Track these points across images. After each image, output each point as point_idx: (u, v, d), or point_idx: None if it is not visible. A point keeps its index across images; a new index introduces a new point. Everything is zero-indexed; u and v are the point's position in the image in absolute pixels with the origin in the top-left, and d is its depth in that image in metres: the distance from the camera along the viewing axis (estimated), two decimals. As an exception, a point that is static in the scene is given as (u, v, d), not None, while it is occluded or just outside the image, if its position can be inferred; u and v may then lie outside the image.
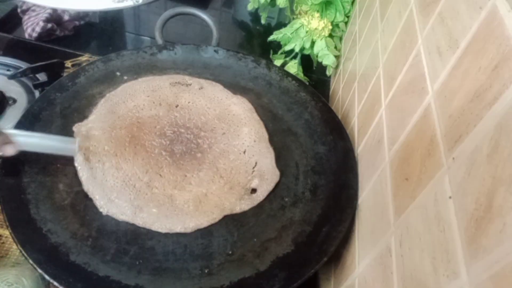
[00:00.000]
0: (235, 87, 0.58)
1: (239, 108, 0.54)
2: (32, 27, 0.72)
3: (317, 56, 0.73)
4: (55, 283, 0.35)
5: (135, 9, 0.87)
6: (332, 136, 0.52)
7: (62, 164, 0.46)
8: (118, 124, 0.49)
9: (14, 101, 0.58)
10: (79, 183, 0.44)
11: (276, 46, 0.77)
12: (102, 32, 0.80)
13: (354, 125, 0.52)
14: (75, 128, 0.48)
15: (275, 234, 0.43)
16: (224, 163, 0.48)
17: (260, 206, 0.46)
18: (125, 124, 0.50)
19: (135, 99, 0.53)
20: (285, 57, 0.75)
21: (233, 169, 0.47)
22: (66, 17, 0.75)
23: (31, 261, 0.36)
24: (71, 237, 0.40)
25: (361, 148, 0.48)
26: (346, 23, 0.74)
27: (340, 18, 0.72)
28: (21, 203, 0.41)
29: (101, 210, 0.42)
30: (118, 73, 0.57)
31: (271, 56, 0.76)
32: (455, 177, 0.24)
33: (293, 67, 0.73)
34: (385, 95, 0.42)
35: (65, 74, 0.57)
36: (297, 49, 0.73)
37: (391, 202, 0.33)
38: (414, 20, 0.38)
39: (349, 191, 0.45)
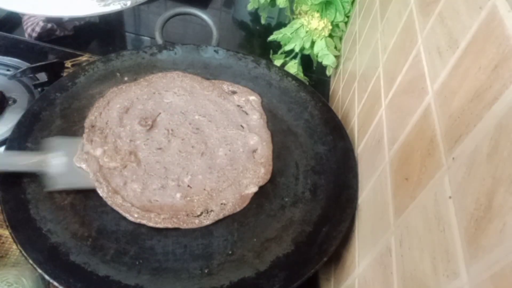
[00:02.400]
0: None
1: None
2: (32, 27, 0.72)
3: (317, 56, 0.73)
4: (55, 283, 0.35)
5: (135, 9, 0.87)
6: (332, 136, 0.52)
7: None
8: None
9: (14, 101, 0.58)
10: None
11: (276, 46, 0.77)
12: (102, 32, 0.80)
13: (354, 125, 0.52)
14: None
15: (275, 234, 0.43)
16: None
17: (260, 206, 0.46)
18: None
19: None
20: (285, 57, 0.75)
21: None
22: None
23: (31, 261, 0.36)
24: (71, 237, 0.40)
25: (361, 148, 0.48)
26: (346, 23, 0.74)
27: (340, 18, 0.72)
28: (21, 203, 0.41)
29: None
30: (118, 74, 0.57)
31: (271, 56, 0.76)
32: (455, 177, 0.24)
33: (293, 67, 0.73)
34: (385, 95, 0.42)
35: (65, 74, 0.57)
36: (297, 49, 0.73)
37: (391, 202, 0.33)
38: (414, 20, 0.38)
39: (349, 191, 0.45)
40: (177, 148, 0.49)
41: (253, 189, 0.46)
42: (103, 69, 0.56)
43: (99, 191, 0.44)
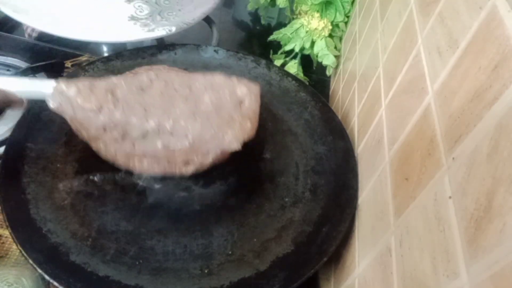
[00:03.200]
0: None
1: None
2: (32, 27, 0.72)
3: (317, 56, 0.73)
4: (55, 283, 0.35)
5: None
6: (332, 136, 0.52)
7: (62, 164, 0.46)
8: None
9: (14, 101, 0.58)
10: (79, 183, 0.44)
11: (276, 46, 0.77)
12: (102, 32, 0.80)
13: (354, 125, 0.52)
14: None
15: (275, 234, 0.43)
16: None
17: (260, 206, 0.46)
18: None
19: None
20: (285, 57, 0.75)
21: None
22: (66, 17, 0.75)
23: (31, 261, 0.36)
24: (71, 237, 0.40)
25: (361, 148, 0.48)
26: (346, 23, 0.74)
27: (340, 18, 0.72)
28: (21, 203, 0.41)
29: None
30: (118, 74, 0.57)
31: (271, 56, 0.76)
32: (455, 177, 0.24)
33: (293, 67, 0.73)
34: (385, 95, 0.42)
35: (65, 74, 0.57)
36: (297, 49, 0.73)
37: (391, 202, 0.33)
38: (414, 20, 0.38)
39: (349, 191, 0.45)
40: (159, 90, 0.45)
41: (236, 145, 0.43)
42: (103, 69, 0.56)
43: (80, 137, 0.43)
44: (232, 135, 0.43)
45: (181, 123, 0.43)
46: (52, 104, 0.42)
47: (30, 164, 0.44)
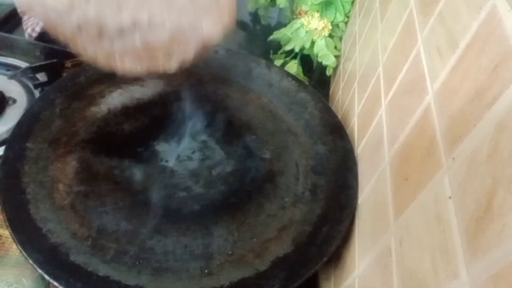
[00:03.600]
0: (235, 87, 0.58)
1: None
2: (32, 27, 0.72)
3: (317, 56, 0.73)
4: (55, 283, 0.35)
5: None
6: (332, 136, 0.52)
7: (62, 164, 0.46)
8: None
9: (14, 101, 0.58)
10: (79, 183, 0.44)
11: (276, 46, 0.77)
12: (102, 32, 0.80)
13: (354, 125, 0.52)
14: None
15: (275, 234, 0.43)
16: None
17: (260, 206, 0.46)
18: None
19: None
20: (285, 57, 0.75)
21: None
22: (66, 17, 0.75)
23: (31, 261, 0.36)
24: (71, 237, 0.40)
25: (361, 148, 0.48)
26: (346, 23, 0.74)
27: (340, 18, 0.72)
28: (21, 203, 0.41)
29: None
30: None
31: (271, 56, 0.76)
32: (455, 177, 0.24)
33: (293, 67, 0.73)
34: (385, 95, 0.42)
35: (65, 74, 0.57)
36: (297, 49, 0.73)
37: (391, 202, 0.33)
38: (414, 20, 0.38)
39: (349, 191, 0.45)
40: None
41: (215, 35, 0.43)
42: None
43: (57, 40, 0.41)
44: (210, 25, 0.42)
45: (156, 14, 0.42)
46: (20, 6, 0.41)
47: (30, 164, 0.44)
